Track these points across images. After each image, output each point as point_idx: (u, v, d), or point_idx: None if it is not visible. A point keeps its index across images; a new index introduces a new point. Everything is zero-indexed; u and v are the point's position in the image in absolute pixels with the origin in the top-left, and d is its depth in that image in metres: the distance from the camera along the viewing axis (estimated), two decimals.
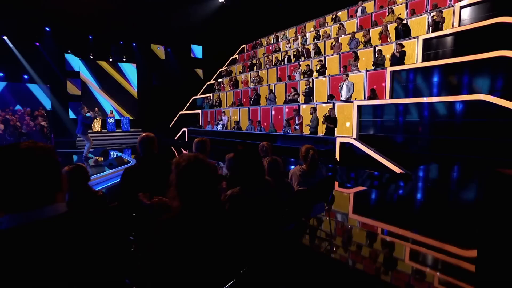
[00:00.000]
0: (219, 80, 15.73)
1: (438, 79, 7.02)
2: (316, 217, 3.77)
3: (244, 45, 17.72)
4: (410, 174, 6.14)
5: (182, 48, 20.33)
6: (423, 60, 7.71)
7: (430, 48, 7.71)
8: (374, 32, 9.62)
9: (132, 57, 18.62)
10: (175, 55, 20.25)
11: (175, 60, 20.28)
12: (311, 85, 9.79)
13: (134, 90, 18.48)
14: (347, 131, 8.07)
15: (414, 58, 7.96)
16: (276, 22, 15.52)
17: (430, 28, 8.04)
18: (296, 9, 14.85)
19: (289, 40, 13.77)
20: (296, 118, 9.29)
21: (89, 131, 14.97)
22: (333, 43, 10.63)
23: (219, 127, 12.26)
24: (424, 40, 7.72)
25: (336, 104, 8.39)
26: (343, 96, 8.63)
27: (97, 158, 9.25)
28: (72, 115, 17.36)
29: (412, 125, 6.89)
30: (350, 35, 10.15)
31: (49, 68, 16.00)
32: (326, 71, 10.26)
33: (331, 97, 9.24)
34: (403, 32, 8.61)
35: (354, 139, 7.28)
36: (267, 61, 13.46)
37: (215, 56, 18.98)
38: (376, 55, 8.69)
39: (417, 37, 7.94)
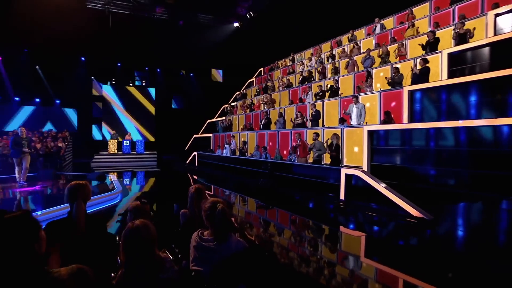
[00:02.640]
0: (233, 104, 15.38)
1: (470, 98, 5.68)
2: None
3: (262, 68, 17.41)
4: (430, 220, 4.77)
5: (203, 72, 20.73)
6: (449, 77, 6.43)
7: (458, 63, 6.43)
8: (391, 49, 8.54)
9: (153, 81, 19.31)
10: (196, 79, 20.68)
11: (196, 84, 20.68)
12: (317, 108, 8.83)
13: (152, 114, 18.88)
14: (356, 159, 6.87)
15: (439, 75, 6.70)
16: (293, 44, 15.06)
17: (453, 41, 6.80)
18: (312, 30, 14.28)
19: (302, 62, 13.08)
20: (303, 143, 8.31)
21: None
22: (348, 62, 9.69)
23: (226, 152, 11.61)
24: (450, 54, 6.49)
25: (344, 130, 7.30)
26: (354, 121, 7.50)
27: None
28: (98, 136, 18.11)
29: (436, 154, 5.54)
30: (365, 53, 9.15)
31: (78, 93, 17.02)
32: (339, 92, 9.25)
33: (342, 121, 8.16)
34: (432, 46, 7.35)
35: (361, 171, 6.06)
36: (281, 83, 12.81)
37: (234, 80, 18.95)
38: (393, 74, 7.55)
39: (440, 51, 6.73)
